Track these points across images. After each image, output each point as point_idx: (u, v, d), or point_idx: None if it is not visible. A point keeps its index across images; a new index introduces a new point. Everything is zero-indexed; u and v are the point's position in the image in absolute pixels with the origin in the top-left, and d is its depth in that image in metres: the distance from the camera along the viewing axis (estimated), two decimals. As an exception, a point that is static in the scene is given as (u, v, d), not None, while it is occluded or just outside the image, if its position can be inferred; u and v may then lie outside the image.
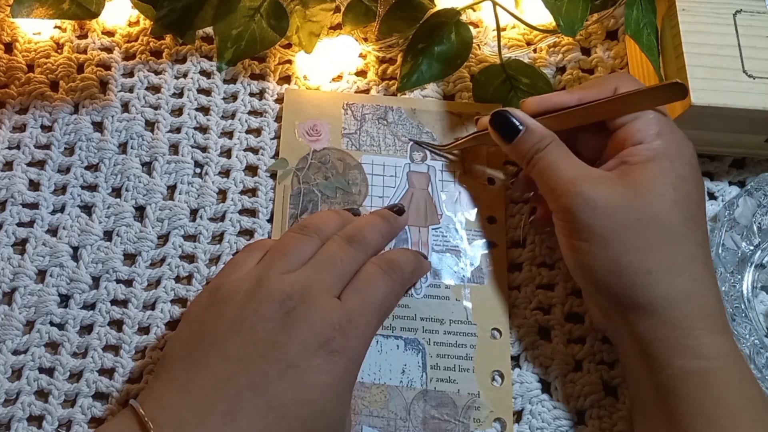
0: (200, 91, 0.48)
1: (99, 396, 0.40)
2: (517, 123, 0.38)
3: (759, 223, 0.41)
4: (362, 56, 0.49)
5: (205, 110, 0.47)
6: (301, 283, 0.34)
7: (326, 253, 0.36)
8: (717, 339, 0.33)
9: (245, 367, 0.31)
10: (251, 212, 0.44)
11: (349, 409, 0.34)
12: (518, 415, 0.40)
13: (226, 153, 0.46)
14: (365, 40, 0.49)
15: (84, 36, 0.49)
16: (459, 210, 0.44)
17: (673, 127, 0.37)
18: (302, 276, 0.34)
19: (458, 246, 0.43)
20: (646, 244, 0.34)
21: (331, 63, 0.47)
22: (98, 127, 0.46)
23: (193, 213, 0.44)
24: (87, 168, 0.45)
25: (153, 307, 0.42)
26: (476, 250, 0.43)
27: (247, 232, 0.44)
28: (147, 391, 0.33)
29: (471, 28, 0.47)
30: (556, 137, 0.38)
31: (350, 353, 0.33)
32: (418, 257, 0.40)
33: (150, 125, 0.47)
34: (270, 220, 0.44)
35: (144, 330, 0.41)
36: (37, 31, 0.49)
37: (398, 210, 0.41)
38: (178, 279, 0.43)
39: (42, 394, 0.40)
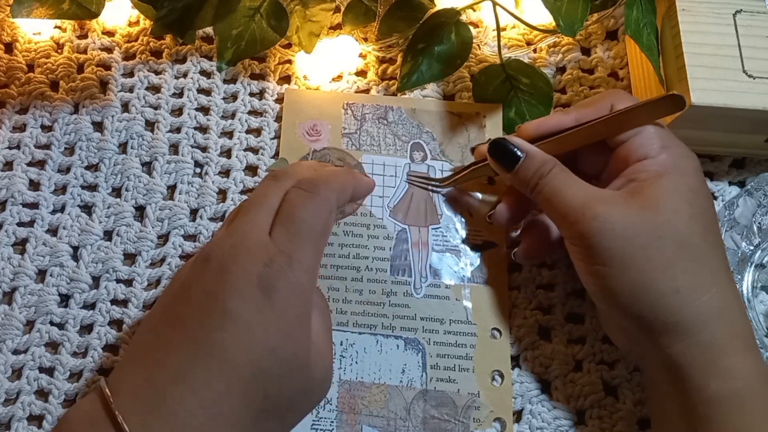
0: (200, 91, 0.48)
1: (99, 396, 0.40)
2: (516, 150, 0.38)
3: (759, 223, 0.41)
4: (362, 56, 0.49)
5: (205, 110, 0.47)
6: (229, 231, 0.34)
7: (252, 195, 0.36)
8: (748, 358, 0.33)
9: (184, 324, 0.31)
10: (251, 212, 0.44)
11: (311, 347, 0.33)
12: (518, 415, 0.40)
13: (226, 153, 0.46)
14: (365, 40, 0.49)
15: (84, 36, 0.49)
16: (459, 210, 0.44)
17: (675, 139, 0.37)
18: (231, 225, 0.34)
19: (458, 246, 0.43)
20: (669, 262, 0.33)
21: (331, 63, 0.47)
22: (98, 127, 0.46)
23: (193, 213, 0.44)
24: (87, 168, 0.45)
25: (153, 306, 0.42)
26: (476, 250, 0.43)
27: (247, 232, 0.44)
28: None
29: (471, 28, 0.47)
30: (557, 161, 0.37)
31: (289, 285, 0.32)
32: (349, 171, 0.39)
33: (150, 125, 0.47)
34: (270, 220, 0.44)
35: (144, 330, 0.41)
36: (37, 31, 0.49)
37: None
38: (178, 279, 0.43)
39: (42, 394, 0.40)
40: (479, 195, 0.44)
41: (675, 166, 0.35)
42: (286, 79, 0.48)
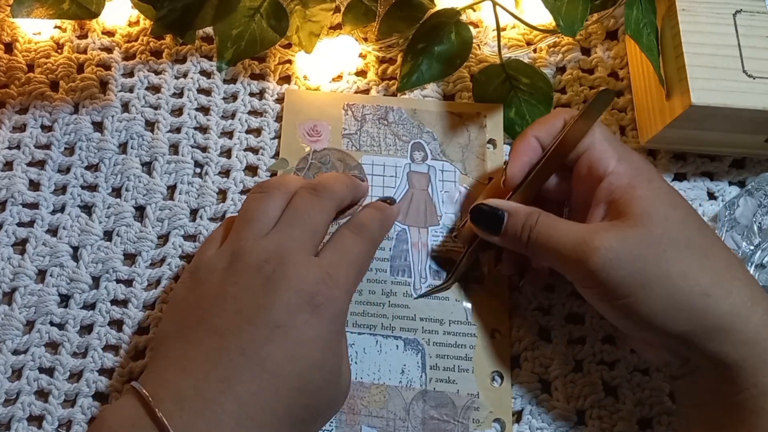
0: (200, 91, 0.48)
1: (99, 396, 0.40)
2: (498, 211, 0.37)
3: (759, 223, 0.41)
4: (362, 56, 0.49)
5: (205, 110, 0.47)
6: (274, 245, 0.35)
7: (294, 209, 0.37)
8: None
9: (234, 336, 0.32)
10: (251, 212, 0.44)
11: (343, 361, 0.35)
12: (518, 415, 0.40)
13: (226, 153, 0.46)
14: (365, 40, 0.49)
15: (84, 36, 0.49)
16: (459, 210, 0.44)
17: (627, 147, 0.37)
18: (274, 238, 0.35)
19: (458, 246, 0.43)
20: (685, 269, 0.33)
21: (331, 63, 0.47)
22: (98, 127, 0.47)
23: (193, 213, 0.44)
24: (87, 168, 0.45)
25: (153, 307, 0.42)
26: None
27: (247, 232, 0.44)
28: (146, 372, 0.34)
29: (471, 28, 0.47)
30: (541, 210, 0.37)
31: (334, 305, 0.34)
32: (382, 213, 0.40)
33: (150, 125, 0.47)
34: (270, 220, 0.44)
35: (144, 330, 0.41)
36: (37, 31, 0.49)
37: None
38: (178, 278, 0.43)
39: (42, 394, 0.40)
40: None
41: (639, 173, 0.35)
42: (286, 79, 0.48)
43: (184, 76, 0.48)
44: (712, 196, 0.45)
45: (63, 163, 0.45)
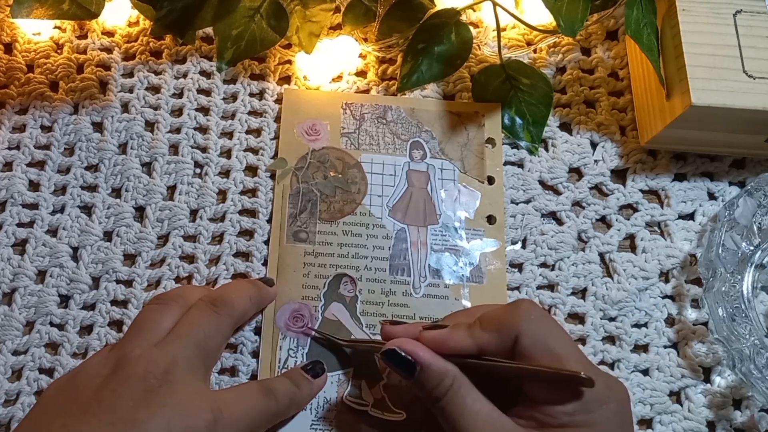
0: (200, 91, 0.48)
1: (99, 396, 0.40)
2: (411, 360, 0.33)
3: (759, 223, 0.41)
4: (362, 56, 0.49)
5: (205, 110, 0.47)
6: (163, 359, 0.32)
7: (187, 322, 0.35)
8: None
9: None
10: (251, 212, 0.44)
11: None
12: (518, 416, 0.40)
13: (226, 153, 0.46)
14: (365, 40, 0.49)
15: (84, 36, 0.49)
16: (458, 209, 0.44)
17: (601, 383, 0.31)
18: (163, 350, 0.33)
19: (457, 245, 0.43)
20: None
21: (331, 63, 0.47)
22: (98, 127, 0.47)
23: (193, 213, 0.44)
24: (87, 168, 0.45)
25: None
26: (475, 250, 0.43)
27: (247, 233, 0.44)
28: None
29: (471, 28, 0.47)
30: (458, 373, 0.33)
31: None
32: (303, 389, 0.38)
33: (150, 125, 0.47)
34: (270, 221, 0.44)
35: (144, 330, 0.41)
36: (37, 31, 0.49)
37: (268, 280, 0.41)
38: (178, 279, 0.43)
39: (42, 395, 0.40)
40: (475, 208, 0.44)
41: (592, 423, 0.31)
42: (286, 79, 0.48)
43: (184, 76, 0.48)
44: (712, 196, 0.45)
45: (63, 163, 0.45)
